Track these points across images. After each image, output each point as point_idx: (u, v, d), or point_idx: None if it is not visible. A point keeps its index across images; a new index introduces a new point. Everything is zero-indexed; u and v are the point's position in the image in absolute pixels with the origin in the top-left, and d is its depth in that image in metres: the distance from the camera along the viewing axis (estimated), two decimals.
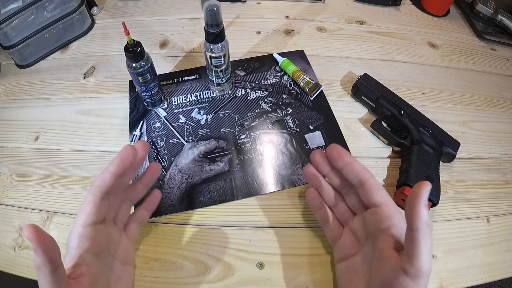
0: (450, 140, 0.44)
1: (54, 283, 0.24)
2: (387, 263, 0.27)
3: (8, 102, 0.52)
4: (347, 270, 0.33)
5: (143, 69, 0.42)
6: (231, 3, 0.65)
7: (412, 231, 0.25)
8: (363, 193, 0.31)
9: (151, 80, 0.44)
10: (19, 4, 0.49)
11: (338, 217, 0.36)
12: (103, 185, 0.29)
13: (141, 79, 0.43)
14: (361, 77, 0.49)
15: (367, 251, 0.31)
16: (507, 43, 0.63)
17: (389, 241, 0.28)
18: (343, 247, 0.34)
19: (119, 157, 0.29)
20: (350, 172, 0.31)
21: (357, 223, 0.33)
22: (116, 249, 0.33)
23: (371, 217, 0.31)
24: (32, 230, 0.23)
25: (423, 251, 0.24)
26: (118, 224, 0.34)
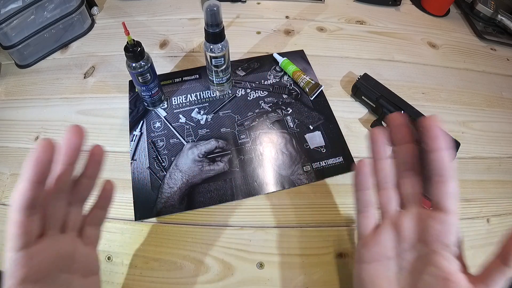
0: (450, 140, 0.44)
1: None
2: (454, 286, 0.23)
3: (8, 102, 0.52)
4: (375, 275, 0.27)
5: (143, 69, 0.42)
6: (231, 3, 0.65)
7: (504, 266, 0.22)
8: (439, 192, 0.25)
9: (151, 80, 0.44)
10: (19, 4, 0.49)
11: (382, 204, 0.28)
12: (22, 198, 0.22)
13: (141, 79, 0.43)
14: (361, 77, 0.49)
15: (411, 260, 0.26)
16: (507, 43, 0.63)
17: (455, 262, 0.24)
18: (379, 245, 0.27)
19: (33, 157, 0.22)
20: (439, 161, 0.25)
21: (408, 220, 0.26)
22: (72, 263, 0.26)
23: (435, 223, 0.25)
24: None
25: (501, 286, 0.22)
26: (69, 232, 0.27)
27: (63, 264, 0.25)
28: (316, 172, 0.43)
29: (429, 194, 0.26)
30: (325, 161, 0.44)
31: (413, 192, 0.27)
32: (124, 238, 0.38)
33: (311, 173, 0.43)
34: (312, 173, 0.43)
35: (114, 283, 0.35)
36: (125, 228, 0.39)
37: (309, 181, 0.42)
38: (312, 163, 0.44)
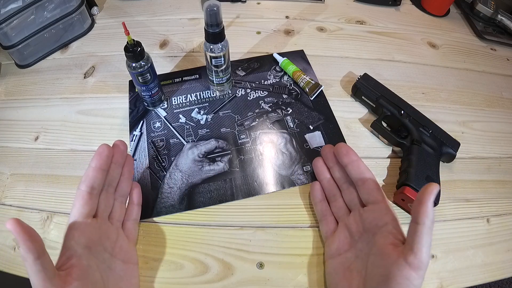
0: (450, 140, 0.44)
1: (39, 272, 0.24)
2: (388, 258, 0.28)
3: (8, 102, 0.52)
4: (339, 267, 0.33)
5: (143, 69, 0.42)
6: (231, 3, 0.65)
7: (417, 225, 0.27)
8: (363, 190, 0.33)
9: (151, 80, 0.44)
10: (19, 4, 0.49)
11: (334, 213, 0.37)
12: (87, 179, 0.31)
13: (141, 79, 0.43)
14: (361, 77, 0.49)
15: (362, 248, 0.32)
16: (507, 43, 0.63)
17: (388, 238, 0.30)
18: (336, 243, 0.35)
19: (97, 152, 0.33)
20: (354, 170, 0.34)
21: (353, 219, 0.35)
22: (114, 247, 0.33)
23: (369, 214, 0.33)
24: (14, 222, 0.24)
25: (426, 244, 0.26)
26: (115, 223, 0.35)
27: (107, 245, 0.32)
28: None
29: (360, 195, 0.34)
30: None
31: (352, 198, 0.35)
32: None
33: (311, 173, 0.43)
34: (312, 173, 0.43)
35: None
36: None
37: (309, 181, 0.42)
38: (312, 163, 0.44)
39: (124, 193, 0.37)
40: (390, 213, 0.31)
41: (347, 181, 0.36)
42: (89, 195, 0.31)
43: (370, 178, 0.33)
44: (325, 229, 0.37)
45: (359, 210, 0.34)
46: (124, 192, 0.37)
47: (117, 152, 0.35)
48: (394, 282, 0.26)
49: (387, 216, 0.31)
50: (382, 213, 0.31)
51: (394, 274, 0.27)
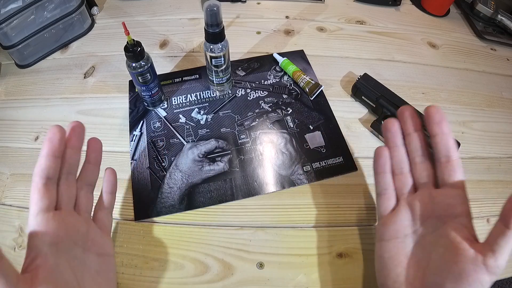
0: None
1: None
2: (462, 254, 0.25)
3: (8, 102, 0.52)
4: (394, 251, 0.29)
5: (143, 69, 0.42)
6: (231, 3, 0.65)
7: (507, 229, 0.23)
8: (446, 170, 0.28)
9: (151, 80, 0.44)
10: (19, 4, 0.49)
11: (397, 187, 0.32)
12: (39, 169, 0.27)
13: (141, 79, 0.43)
14: (361, 77, 0.49)
15: (425, 234, 0.28)
16: (507, 43, 0.63)
17: (463, 231, 0.26)
18: (397, 223, 0.30)
19: (47, 137, 0.28)
20: (443, 144, 0.29)
21: (420, 199, 0.30)
22: (85, 241, 0.30)
23: (444, 199, 0.28)
24: None
25: (508, 250, 0.24)
26: (83, 214, 0.31)
27: (78, 239, 0.29)
28: (316, 172, 0.43)
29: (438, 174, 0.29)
30: (325, 161, 0.44)
31: (425, 175, 0.30)
32: (124, 238, 0.38)
33: (311, 173, 0.43)
34: (312, 173, 0.43)
35: None
36: (125, 228, 0.39)
37: (309, 181, 0.42)
38: (312, 163, 0.44)
39: (90, 181, 0.33)
40: (467, 204, 0.27)
41: (424, 153, 0.31)
42: (45, 186, 0.27)
43: (456, 158, 0.28)
44: (384, 205, 0.32)
45: (430, 190, 0.29)
46: (90, 180, 0.33)
47: (73, 135, 0.31)
48: (466, 283, 0.24)
49: (463, 206, 0.27)
50: (459, 201, 0.27)
51: (468, 273, 0.24)
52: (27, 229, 0.27)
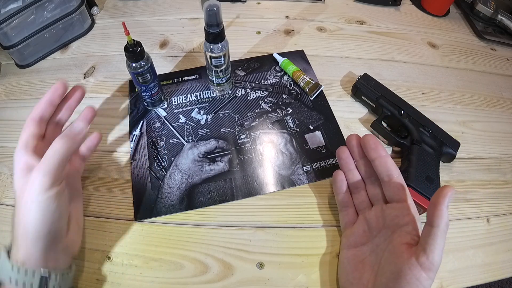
0: (450, 140, 0.44)
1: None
2: (401, 256, 0.29)
3: (8, 102, 0.52)
4: (353, 258, 0.34)
5: (143, 69, 0.42)
6: (231, 3, 0.65)
7: (432, 227, 0.27)
8: (388, 187, 0.33)
9: (151, 80, 0.44)
10: (19, 4, 0.49)
11: (356, 205, 0.37)
12: (37, 109, 0.34)
13: (141, 79, 0.43)
14: (361, 77, 0.49)
15: (378, 243, 0.32)
16: (507, 43, 0.63)
17: (405, 237, 0.30)
18: (354, 235, 0.35)
19: (52, 87, 0.34)
20: (382, 166, 0.33)
21: (374, 214, 0.34)
22: None
23: (391, 212, 0.33)
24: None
25: (438, 246, 0.27)
26: None
27: None
28: (316, 172, 0.43)
29: (384, 191, 0.34)
30: (325, 161, 0.44)
31: (377, 193, 0.35)
32: (124, 238, 0.38)
33: (311, 173, 0.43)
34: (312, 173, 0.43)
35: (114, 283, 0.35)
36: (125, 228, 0.39)
37: (309, 181, 0.42)
38: (312, 163, 0.44)
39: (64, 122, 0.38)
40: (412, 214, 0.31)
41: (372, 175, 0.35)
42: (40, 120, 0.33)
43: (397, 176, 0.33)
44: (345, 220, 0.37)
45: (381, 205, 0.34)
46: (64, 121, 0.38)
47: (72, 96, 0.37)
48: (404, 281, 0.27)
49: (408, 216, 0.31)
50: (404, 212, 0.31)
51: (405, 272, 0.27)
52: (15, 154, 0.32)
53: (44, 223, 0.29)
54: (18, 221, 0.29)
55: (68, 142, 0.30)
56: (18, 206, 0.30)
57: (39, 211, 0.29)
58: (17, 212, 0.30)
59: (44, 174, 0.28)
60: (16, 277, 0.28)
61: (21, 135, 0.33)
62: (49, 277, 0.29)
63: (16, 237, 0.29)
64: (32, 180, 0.29)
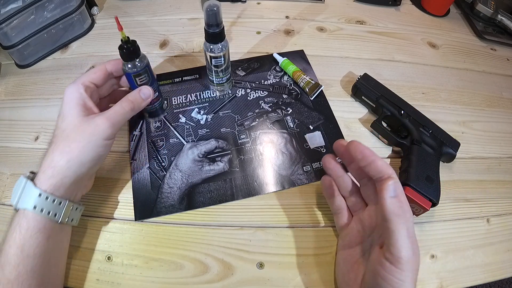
0: (450, 140, 0.44)
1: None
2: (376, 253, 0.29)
3: (8, 102, 0.52)
4: (348, 259, 0.34)
5: (138, 69, 0.38)
6: (231, 3, 0.65)
7: (384, 222, 0.27)
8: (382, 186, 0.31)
9: (149, 81, 0.40)
10: (19, 4, 0.49)
11: (350, 206, 0.37)
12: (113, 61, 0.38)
13: (139, 80, 0.40)
14: (361, 77, 0.49)
15: (371, 242, 0.32)
16: (507, 43, 0.63)
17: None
18: (349, 235, 0.35)
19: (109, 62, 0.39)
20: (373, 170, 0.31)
21: (367, 213, 0.34)
22: None
23: None
24: None
25: (397, 239, 0.27)
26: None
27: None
28: (316, 172, 0.43)
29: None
30: None
31: (370, 193, 0.34)
32: (124, 238, 0.38)
33: (311, 173, 0.43)
34: (312, 173, 0.43)
35: (114, 283, 0.35)
36: (125, 228, 0.39)
37: (309, 181, 0.42)
38: (312, 163, 0.44)
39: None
40: None
41: (365, 176, 0.34)
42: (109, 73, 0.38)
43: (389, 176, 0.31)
44: (340, 222, 0.37)
45: (375, 205, 0.33)
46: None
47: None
48: (380, 278, 0.27)
49: None
50: None
51: (378, 270, 0.28)
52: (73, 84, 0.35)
53: (92, 164, 0.33)
54: (62, 151, 0.31)
55: (135, 105, 0.36)
56: (68, 137, 0.32)
57: (95, 153, 0.32)
58: (65, 143, 0.32)
59: (110, 126, 0.33)
60: (42, 205, 0.30)
61: (87, 74, 0.36)
62: (72, 207, 0.32)
63: (53, 165, 0.31)
64: (98, 125, 0.32)
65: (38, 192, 0.29)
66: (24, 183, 0.31)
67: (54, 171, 0.31)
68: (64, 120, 0.33)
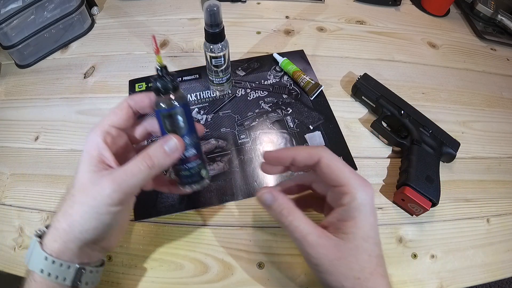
0: (450, 140, 0.44)
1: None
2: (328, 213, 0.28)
3: (8, 102, 0.52)
4: None
5: (173, 109, 0.28)
6: (231, 3, 0.65)
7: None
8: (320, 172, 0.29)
9: (184, 130, 0.28)
10: (19, 4, 0.49)
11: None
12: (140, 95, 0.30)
13: (169, 124, 0.28)
14: (361, 77, 0.49)
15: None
16: (507, 43, 0.63)
17: None
18: None
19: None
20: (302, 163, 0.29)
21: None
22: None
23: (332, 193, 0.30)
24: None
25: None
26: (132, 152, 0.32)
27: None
28: None
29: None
30: None
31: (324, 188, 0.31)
32: (124, 238, 0.38)
33: None
34: None
35: (114, 283, 0.35)
36: None
37: None
38: None
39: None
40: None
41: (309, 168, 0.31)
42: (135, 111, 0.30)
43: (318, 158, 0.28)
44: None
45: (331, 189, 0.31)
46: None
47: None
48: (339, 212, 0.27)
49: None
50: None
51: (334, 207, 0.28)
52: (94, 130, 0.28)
53: (95, 232, 0.27)
54: (65, 212, 0.27)
55: (156, 162, 0.27)
56: (73, 197, 0.27)
57: (98, 221, 0.26)
58: (69, 203, 0.27)
59: (116, 190, 0.26)
60: (49, 269, 0.26)
61: (107, 116, 0.29)
62: (84, 270, 0.28)
63: (56, 227, 0.27)
64: (102, 188, 0.26)
65: (44, 255, 0.26)
66: (33, 243, 0.27)
67: (56, 235, 0.27)
68: (76, 174, 0.28)
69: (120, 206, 0.27)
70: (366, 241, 0.26)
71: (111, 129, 0.29)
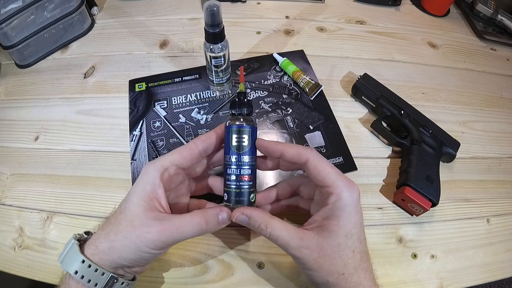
0: (450, 140, 0.44)
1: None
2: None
3: (8, 102, 0.52)
4: None
5: (243, 126, 0.31)
6: (231, 3, 0.65)
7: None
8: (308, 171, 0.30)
9: (247, 149, 0.31)
10: (19, 4, 0.49)
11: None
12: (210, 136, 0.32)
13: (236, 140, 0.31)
14: (361, 77, 0.49)
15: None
16: (507, 43, 0.63)
17: None
18: None
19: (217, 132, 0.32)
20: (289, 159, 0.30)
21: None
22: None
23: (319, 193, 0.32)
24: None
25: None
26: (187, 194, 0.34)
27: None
28: None
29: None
30: None
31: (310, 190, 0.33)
32: None
33: None
34: None
35: None
36: None
37: None
38: None
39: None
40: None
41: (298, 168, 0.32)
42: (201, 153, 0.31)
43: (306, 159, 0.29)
44: None
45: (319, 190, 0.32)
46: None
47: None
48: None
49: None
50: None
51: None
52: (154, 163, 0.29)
53: (132, 262, 0.28)
54: (108, 236, 0.28)
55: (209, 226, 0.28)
56: (119, 225, 0.28)
57: (136, 255, 0.27)
58: (114, 228, 0.28)
59: (163, 242, 0.27)
60: (84, 271, 0.27)
61: (172, 154, 0.30)
62: (116, 280, 0.28)
63: (96, 245, 0.28)
64: (149, 233, 0.27)
65: (81, 258, 0.27)
66: (71, 244, 0.28)
67: (95, 251, 0.28)
68: (126, 201, 0.29)
69: (162, 250, 0.28)
70: (349, 238, 0.27)
71: (171, 167, 0.30)
